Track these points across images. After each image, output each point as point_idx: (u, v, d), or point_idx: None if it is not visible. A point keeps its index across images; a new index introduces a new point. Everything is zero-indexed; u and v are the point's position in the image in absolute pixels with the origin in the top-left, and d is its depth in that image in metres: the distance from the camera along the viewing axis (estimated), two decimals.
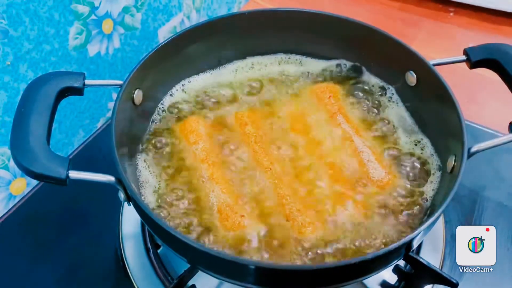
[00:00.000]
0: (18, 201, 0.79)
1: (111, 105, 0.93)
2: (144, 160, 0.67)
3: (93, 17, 0.81)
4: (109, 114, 0.93)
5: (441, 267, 0.68)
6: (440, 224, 0.71)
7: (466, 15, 1.13)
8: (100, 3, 0.81)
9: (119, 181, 0.55)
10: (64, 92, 0.60)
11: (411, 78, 0.70)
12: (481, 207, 0.75)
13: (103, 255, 0.72)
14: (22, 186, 0.81)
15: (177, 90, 0.76)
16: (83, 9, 0.78)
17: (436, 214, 0.51)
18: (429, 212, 0.61)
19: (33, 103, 0.57)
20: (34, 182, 0.81)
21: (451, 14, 1.14)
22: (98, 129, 0.90)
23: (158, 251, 0.70)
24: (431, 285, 0.65)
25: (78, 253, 0.72)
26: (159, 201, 0.63)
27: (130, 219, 0.73)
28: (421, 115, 0.70)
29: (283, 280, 0.52)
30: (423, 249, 0.68)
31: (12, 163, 0.77)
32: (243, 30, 0.76)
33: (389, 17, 1.12)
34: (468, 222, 0.73)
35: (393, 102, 0.74)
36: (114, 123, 0.58)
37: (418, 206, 0.62)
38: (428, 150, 0.67)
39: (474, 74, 0.73)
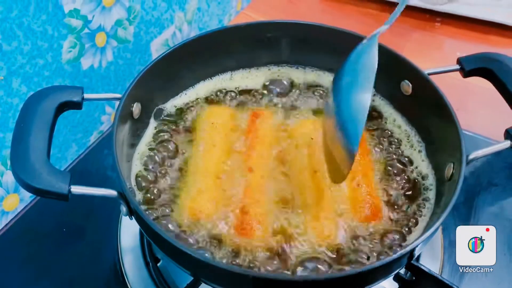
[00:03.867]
0: (12, 218, 0.78)
1: (104, 118, 0.92)
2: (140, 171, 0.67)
3: (86, 30, 0.80)
4: (102, 128, 0.93)
5: (441, 274, 0.69)
6: (438, 231, 0.71)
7: (453, 25, 1.15)
8: (93, 17, 0.80)
9: (122, 195, 0.55)
10: (63, 107, 0.60)
11: (406, 87, 0.71)
12: (477, 214, 0.77)
13: (102, 270, 0.71)
14: (15, 202, 0.79)
15: (175, 101, 0.76)
16: (76, 22, 0.78)
17: (440, 220, 0.52)
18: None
19: (33, 118, 0.56)
20: (27, 198, 0.80)
21: (438, 24, 1.16)
22: (92, 143, 0.89)
23: (158, 264, 0.69)
24: None
25: (75, 269, 0.71)
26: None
27: (128, 232, 0.72)
28: (417, 123, 0.71)
29: None
30: (422, 256, 0.69)
31: (4, 179, 0.76)
32: (240, 41, 0.77)
33: (377, 28, 1.14)
34: None
35: (388, 111, 0.75)
36: (115, 139, 0.58)
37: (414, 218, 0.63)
38: (424, 157, 0.68)
39: (463, 82, 0.75)
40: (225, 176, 0.66)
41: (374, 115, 0.74)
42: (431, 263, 0.69)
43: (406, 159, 0.69)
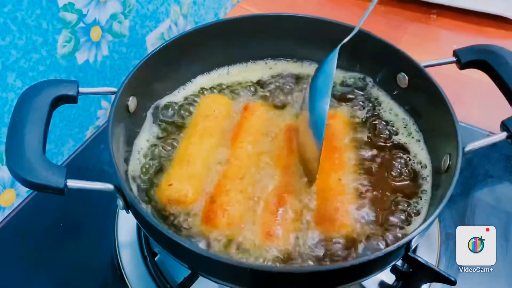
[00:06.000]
0: (9, 213, 0.78)
1: (100, 113, 0.92)
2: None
3: (81, 24, 0.80)
4: (98, 122, 0.93)
5: (437, 265, 0.69)
6: (434, 224, 0.72)
7: (448, 17, 1.15)
8: (88, 11, 0.80)
9: (118, 189, 0.54)
10: (58, 101, 0.59)
11: (403, 80, 0.71)
12: (473, 206, 0.77)
13: (99, 265, 0.71)
14: (12, 197, 0.79)
15: (172, 95, 0.76)
16: (71, 17, 0.78)
17: (436, 212, 0.52)
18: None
19: (28, 113, 0.56)
20: (24, 193, 0.80)
21: (434, 16, 1.16)
22: (89, 138, 0.89)
23: (155, 259, 0.69)
24: (428, 284, 0.66)
25: (73, 264, 0.71)
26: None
27: (125, 227, 0.72)
28: (414, 115, 0.72)
29: (288, 284, 0.52)
30: (419, 248, 0.69)
31: (0, 174, 0.76)
32: (236, 35, 0.77)
33: (374, 20, 1.13)
34: (462, 221, 0.74)
35: (386, 102, 0.75)
36: (111, 133, 0.58)
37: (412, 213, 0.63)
38: (421, 149, 0.68)
39: (459, 75, 0.75)
40: (208, 165, 0.66)
41: (371, 104, 0.75)
42: (428, 255, 0.69)
43: (404, 148, 0.69)
